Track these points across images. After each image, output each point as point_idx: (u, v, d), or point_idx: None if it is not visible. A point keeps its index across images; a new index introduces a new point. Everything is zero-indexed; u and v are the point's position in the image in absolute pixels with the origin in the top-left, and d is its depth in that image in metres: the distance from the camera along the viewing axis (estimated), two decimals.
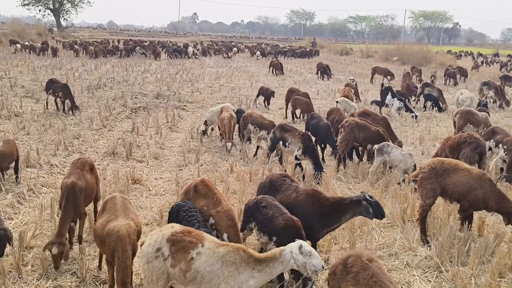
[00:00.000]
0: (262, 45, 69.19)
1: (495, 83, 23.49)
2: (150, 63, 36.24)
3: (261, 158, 11.71)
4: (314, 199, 6.27)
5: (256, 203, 6.04)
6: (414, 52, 46.60)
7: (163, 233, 4.78)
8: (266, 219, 5.80)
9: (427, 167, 7.63)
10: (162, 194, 9.16)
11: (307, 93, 17.80)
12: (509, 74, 31.73)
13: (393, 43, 74.11)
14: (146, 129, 14.35)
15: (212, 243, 4.73)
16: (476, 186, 7.23)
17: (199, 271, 4.57)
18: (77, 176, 6.54)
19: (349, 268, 4.26)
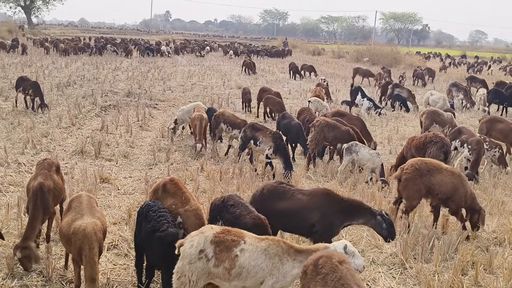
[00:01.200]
0: (235, 44, 69.11)
1: (463, 84, 24.05)
2: (122, 61, 35.83)
3: (232, 157, 11.73)
4: (330, 198, 6.25)
5: (223, 202, 6.03)
6: (385, 53, 47.32)
7: (205, 235, 4.84)
8: (233, 217, 5.80)
9: (410, 168, 7.66)
10: (131, 193, 9.08)
11: (279, 93, 17.89)
12: (475, 75, 32.48)
13: (364, 44, 75.12)
14: (116, 128, 14.20)
15: (253, 238, 4.90)
16: (459, 185, 7.47)
17: (244, 266, 4.71)
18: (44, 177, 6.43)
19: (319, 269, 4.26)
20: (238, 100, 20.79)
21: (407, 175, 7.64)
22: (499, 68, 50.49)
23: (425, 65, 40.75)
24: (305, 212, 6.13)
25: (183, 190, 5.97)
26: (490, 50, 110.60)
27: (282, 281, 4.77)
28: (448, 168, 7.75)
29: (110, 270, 6.15)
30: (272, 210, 6.21)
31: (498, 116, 14.34)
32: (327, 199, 6.22)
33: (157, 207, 5.53)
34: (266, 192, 6.44)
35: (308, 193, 6.34)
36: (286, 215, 6.23)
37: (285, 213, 6.23)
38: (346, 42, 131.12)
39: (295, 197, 6.28)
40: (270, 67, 38.68)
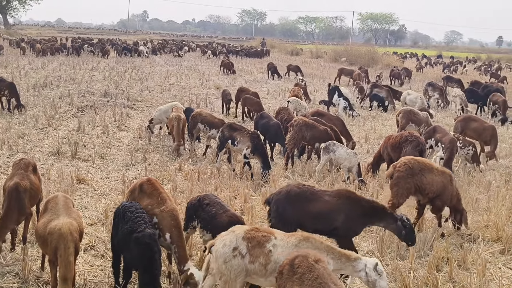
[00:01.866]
0: (213, 44, 68.97)
1: (439, 84, 24.42)
2: (98, 61, 35.46)
3: (210, 157, 11.72)
4: (354, 200, 6.26)
5: (199, 201, 6.03)
6: (362, 53, 47.76)
7: (236, 232, 4.92)
8: (209, 216, 5.80)
9: (403, 166, 7.73)
10: (108, 194, 9.01)
11: (257, 93, 17.92)
12: (451, 75, 32.98)
13: (342, 44, 75.65)
14: (92, 128, 14.06)
15: (282, 234, 4.99)
16: (447, 185, 7.61)
17: (278, 261, 4.74)
18: (20, 177, 6.37)
19: (296, 269, 4.26)
20: (216, 100, 20.78)
21: (400, 173, 7.72)
22: (474, 68, 51.42)
23: (403, 65, 41.26)
24: (331, 214, 6.15)
25: (159, 191, 5.94)
26: (465, 50, 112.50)
27: None
28: (438, 168, 7.90)
29: (87, 271, 6.10)
30: (300, 212, 6.21)
31: (472, 115, 14.62)
32: (351, 200, 6.26)
33: (134, 208, 5.49)
34: (293, 194, 6.33)
35: (333, 195, 6.35)
36: (314, 216, 6.22)
37: (313, 214, 6.22)
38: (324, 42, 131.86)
39: (322, 199, 6.27)
40: (249, 67, 38.71)
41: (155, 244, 5.16)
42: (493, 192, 9.65)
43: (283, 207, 6.23)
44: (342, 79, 30.59)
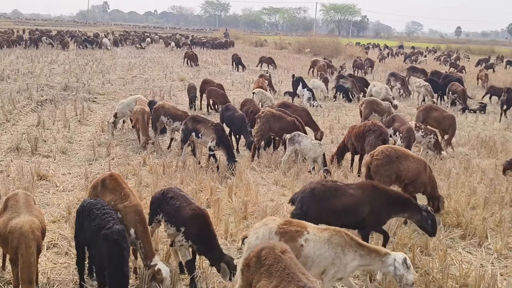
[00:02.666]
0: (177, 36, 68.21)
1: (401, 74, 24.83)
2: (58, 54, 34.59)
3: (175, 150, 11.61)
4: (379, 192, 6.35)
5: (162, 194, 5.96)
6: (326, 44, 48.22)
7: (269, 226, 5.02)
8: (173, 209, 5.75)
9: (381, 155, 7.85)
10: (70, 190, 8.81)
11: (221, 84, 17.82)
12: (415, 65, 33.48)
13: (306, 35, 76.10)
14: (53, 123, 13.71)
15: (315, 229, 5.08)
16: (422, 171, 7.80)
17: (309, 256, 4.91)
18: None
19: (263, 261, 4.26)
20: (180, 92, 20.62)
21: (378, 161, 7.83)
22: (434, 58, 52.57)
23: (366, 56, 41.82)
24: (357, 207, 6.21)
25: (122, 186, 5.83)
26: (425, 40, 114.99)
27: (343, 271, 4.99)
28: (414, 155, 8.11)
29: (50, 269, 5.97)
30: (325, 209, 6.24)
31: (433, 105, 14.92)
32: (376, 192, 6.34)
33: (101, 205, 5.37)
34: (317, 192, 6.33)
35: (358, 187, 6.43)
36: (340, 211, 6.25)
37: (339, 210, 6.25)
38: (288, 33, 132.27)
39: (347, 193, 6.33)
40: (213, 59, 38.48)
41: (124, 240, 5.08)
42: (453, 179, 9.90)
43: (307, 205, 6.28)
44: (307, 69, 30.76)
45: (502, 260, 6.92)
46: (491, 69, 37.44)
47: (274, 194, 9.07)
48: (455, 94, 20.00)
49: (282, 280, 4.05)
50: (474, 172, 10.61)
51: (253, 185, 9.08)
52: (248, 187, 8.81)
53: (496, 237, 7.44)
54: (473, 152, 12.74)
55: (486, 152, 12.87)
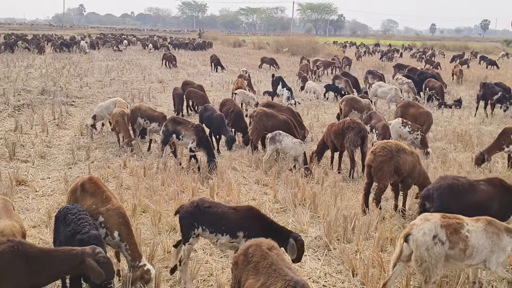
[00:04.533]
0: (154, 38, 67.81)
1: (378, 71, 25.07)
2: (34, 58, 34.15)
3: (156, 152, 11.57)
4: (508, 188, 6.54)
5: (197, 206, 5.64)
6: (303, 43, 48.46)
7: (433, 221, 5.21)
8: (217, 218, 5.55)
9: (383, 151, 8.03)
10: (50, 194, 8.71)
11: (202, 86, 17.81)
12: (402, 63, 33.48)
13: (283, 34, 76.24)
14: (31, 128, 13.54)
15: (469, 220, 5.32)
16: (416, 163, 8.13)
17: (474, 246, 5.16)
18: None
19: (250, 258, 4.29)
20: (160, 94, 20.57)
21: (382, 157, 8.02)
22: (410, 55, 53.22)
23: (343, 55, 42.12)
24: (487, 202, 6.43)
25: (103, 189, 5.77)
26: (401, 38, 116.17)
27: (503, 255, 5.24)
28: (408, 148, 8.36)
29: None
30: (462, 204, 6.40)
31: (411, 101, 15.10)
32: (503, 188, 6.55)
33: (76, 210, 5.30)
34: (455, 188, 6.60)
35: (488, 184, 6.65)
36: (475, 206, 6.37)
37: (473, 205, 6.41)
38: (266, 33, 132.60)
39: (479, 189, 6.58)
40: (191, 60, 38.38)
41: (101, 245, 5.01)
42: (431, 173, 10.03)
43: (448, 201, 6.47)
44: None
45: None
46: (466, 65, 38.09)
47: (256, 193, 9.11)
48: (432, 90, 20.28)
49: (269, 277, 4.09)
50: (451, 165, 10.79)
51: (234, 185, 9.12)
52: (229, 187, 8.85)
53: None
54: (450, 146, 12.97)
55: (463, 146, 13.11)
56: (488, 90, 17.94)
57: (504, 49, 63.36)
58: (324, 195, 8.70)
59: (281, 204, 8.49)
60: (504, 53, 52.12)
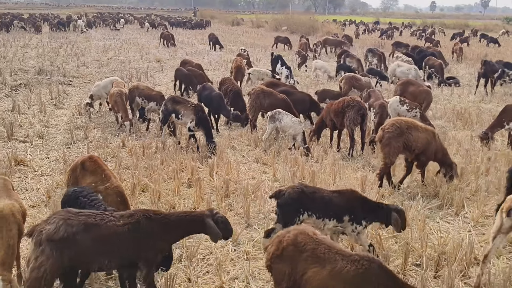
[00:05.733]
0: (152, 16, 67.19)
1: (378, 49, 24.87)
2: (31, 37, 33.84)
3: (154, 132, 11.53)
4: None
5: (302, 192, 5.57)
6: (302, 22, 48.07)
7: None
8: (324, 202, 5.54)
9: (392, 127, 8.06)
10: (49, 174, 8.71)
11: (200, 65, 17.69)
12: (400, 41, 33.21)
13: (282, 13, 75.51)
14: (28, 107, 13.47)
15: None
16: (431, 140, 8.07)
17: None
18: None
19: (303, 247, 4.13)
20: (158, 73, 20.45)
21: (390, 134, 8.04)
22: (410, 33, 52.82)
23: (343, 33, 41.78)
24: None
25: (103, 168, 5.78)
26: (401, 16, 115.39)
27: None
28: (422, 125, 8.33)
29: None
30: None
31: (411, 79, 14.98)
32: None
33: (86, 192, 5.26)
34: None
35: None
36: None
37: None
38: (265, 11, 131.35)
39: None
40: (189, 39, 38.08)
41: None
42: None
43: None
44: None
45: (479, 228, 7.09)
46: (466, 43, 37.80)
47: (255, 172, 9.12)
48: (432, 69, 20.17)
49: (335, 261, 4.00)
50: (450, 144, 10.78)
51: (234, 164, 9.11)
52: (229, 166, 8.84)
53: (473, 206, 7.60)
54: (449, 125, 12.95)
55: (462, 124, 13.09)
56: (489, 67, 17.84)
57: (505, 26, 62.75)
58: (323, 174, 8.70)
59: (280, 182, 8.49)
60: (504, 31, 51.66)
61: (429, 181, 8.45)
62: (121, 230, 4.45)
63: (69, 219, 4.35)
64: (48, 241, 4.22)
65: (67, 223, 4.31)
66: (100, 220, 4.45)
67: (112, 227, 4.45)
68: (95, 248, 4.36)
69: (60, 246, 4.23)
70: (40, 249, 4.22)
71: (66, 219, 4.34)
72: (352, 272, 3.92)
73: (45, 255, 4.20)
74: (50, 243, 4.21)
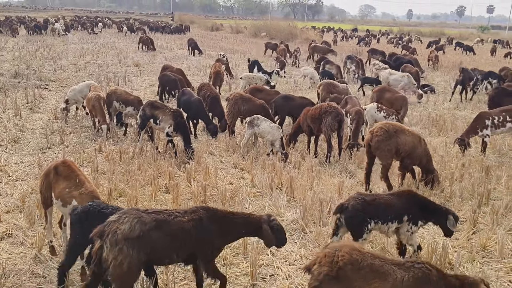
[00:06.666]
0: (130, 21, 66.75)
1: (357, 56, 25.15)
2: (7, 40, 33.35)
3: (132, 137, 11.45)
4: None
5: (365, 201, 5.64)
6: (281, 28, 48.38)
7: None
8: (385, 206, 5.66)
9: (380, 131, 8.19)
10: (23, 179, 8.56)
11: (181, 70, 17.65)
12: (375, 48, 33.69)
13: (261, 19, 75.89)
14: (3, 111, 13.25)
15: None
16: (417, 145, 8.24)
17: None
18: None
19: (360, 264, 4.09)
20: (136, 78, 20.33)
21: (378, 137, 8.18)
22: (387, 41, 53.54)
23: (322, 39, 42.12)
24: None
25: (76, 173, 5.68)
26: (378, 23, 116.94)
27: None
28: (409, 129, 8.50)
29: (5, 260, 5.81)
30: None
31: (387, 86, 15.18)
32: None
33: (103, 204, 5.13)
34: None
35: None
36: None
37: None
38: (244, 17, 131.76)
39: None
40: (168, 44, 37.94)
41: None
42: None
43: None
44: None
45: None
46: (441, 51, 38.51)
47: (233, 178, 9.12)
48: None
49: (393, 273, 4.06)
50: None
51: (211, 169, 9.10)
52: (207, 171, 8.83)
53: None
54: (425, 131, 13.16)
55: (437, 130, 13.31)
56: (466, 75, 18.25)
57: (479, 35, 64.17)
58: (301, 179, 8.75)
59: (258, 188, 8.51)
60: (479, 39, 52.83)
61: (405, 186, 8.56)
62: (186, 226, 4.66)
63: (141, 217, 4.50)
64: (125, 240, 4.36)
65: (141, 221, 4.47)
66: (168, 216, 4.65)
67: (179, 222, 4.65)
68: (167, 244, 4.57)
69: (136, 244, 4.39)
70: (118, 248, 4.34)
71: (139, 218, 4.49)
72: (412, 279, 4.05)
73: (123, 253, 4.35)
74: (127, 241, 4.36)
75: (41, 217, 6.79)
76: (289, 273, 5.84)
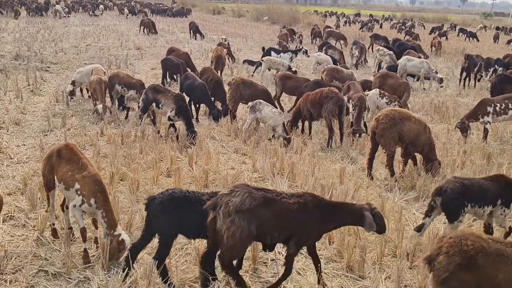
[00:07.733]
0: (132, 3, 66.21)
1: (361, 42, 24.98)
2: (7, 22, 33.10)
3: (133, 120, 11.44)
4: None
5: (463, 185, 5.89)
6: (284, 12, 47.93)
7: None
8: (483, 192, 5.89)
9: (385, 118, 8.19)
10: (25, 161, 8.57)
11: (187, 53, 17.57)
12: (378, 33, 33.46)
13: (264, 2, 75.23)
14: (4, 93, 13.21)
15: None
16: (422, 132, 8.25)
17: None
18: None
19: (488, 251, 4.09)
20: (137, 61, 20.24)
21: (384, 125, 8.18)
22: (390, 26, 53.15)
23: (324, 24, 41.83)
24: None
25: (79, 156, 5.66)
26: (381, 8, 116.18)
27: None
28: (416, 116, 8.49)
29: (7, 242, 5.85)
30: None
31: (389, 72, 15.09)
32: None
33: (185, 190, 5.14)
34: None
35: None
36: None
37: None
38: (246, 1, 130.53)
39: None
40: (170, 27, 37.70)
41: None
42: None
43: None
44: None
45: None
46: (444, 37, 38.26)
47: (235, 162, 9.13)
48: None
49: None
50: None
51: (213, 154, 9.10)
52: (208, 156, 8.83)
53: None
54: (427, 118, 13.10)
55: (439, 117, 13.29)
56: (472, 61, 18.20)
57: (482, 21, 63.69)
58: (302, 165, 8.76)
59: (259, 173, 8.52)
60: (482, 26, 52.43)
61: (406, 173, 8.57)
62: (292, 207, 4.77)
63: (252, 193, 4.67)
64: (237, 212, 4.57)
65: (251, 196, 4.64)
66: (276, 196, 4.80)
67: (285, 203, 4.78)
68: (272, 221, 4.73)
69: (247, 216, 4.59)
70: (229, 220, 4.56)
71: (250, 193, 4.67)
72: None
73: (235, 224, 4.56)
74: (238, 213, 4.57)
75: (43, 199, 6.81)
76: None
